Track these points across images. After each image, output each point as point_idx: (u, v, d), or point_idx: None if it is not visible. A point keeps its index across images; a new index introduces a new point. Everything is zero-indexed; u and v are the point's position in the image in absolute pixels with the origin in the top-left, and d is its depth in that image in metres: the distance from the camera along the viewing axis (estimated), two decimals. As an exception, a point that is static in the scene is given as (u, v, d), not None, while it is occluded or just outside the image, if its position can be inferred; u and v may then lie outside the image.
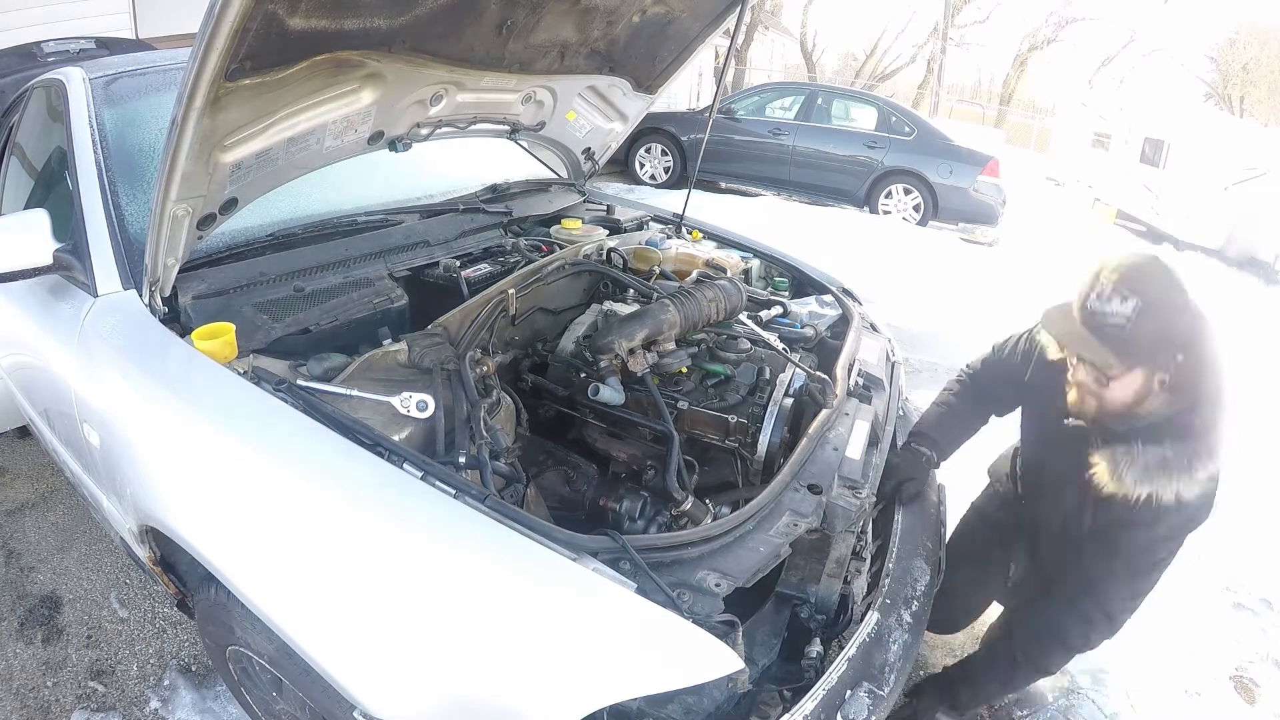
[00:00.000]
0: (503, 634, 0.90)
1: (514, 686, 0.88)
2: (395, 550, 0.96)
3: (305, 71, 1.23)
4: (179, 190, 1.17)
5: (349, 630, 0.97)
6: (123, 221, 1.51)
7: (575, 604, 0.91)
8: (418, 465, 1.03)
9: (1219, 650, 2.09)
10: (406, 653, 0.93)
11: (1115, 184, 9.88)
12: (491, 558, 0.94)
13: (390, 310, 1.51)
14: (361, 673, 0.96)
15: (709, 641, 0.89)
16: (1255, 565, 2.48)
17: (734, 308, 1.72)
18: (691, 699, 0.95)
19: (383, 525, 0.98)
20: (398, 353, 1.36)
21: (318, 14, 1.11)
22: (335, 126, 1.48)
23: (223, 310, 1.37)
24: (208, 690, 1.74)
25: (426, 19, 1.35)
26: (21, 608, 1.99)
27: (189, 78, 1.00)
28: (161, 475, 1.20)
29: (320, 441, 1.07)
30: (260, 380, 1.18)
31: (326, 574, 0.99)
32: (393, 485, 1.01)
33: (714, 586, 0.99)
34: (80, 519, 2.31)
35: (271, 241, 1.62)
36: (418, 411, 1.20)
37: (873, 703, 1.08)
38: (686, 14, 1.89)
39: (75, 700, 1.73)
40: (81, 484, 1.67)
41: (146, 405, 1.23)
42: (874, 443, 1.48)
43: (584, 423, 1.64)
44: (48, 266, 1.48)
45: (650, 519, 1.39)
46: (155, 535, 1.35)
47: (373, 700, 0.95)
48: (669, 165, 8.04)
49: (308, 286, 1.50)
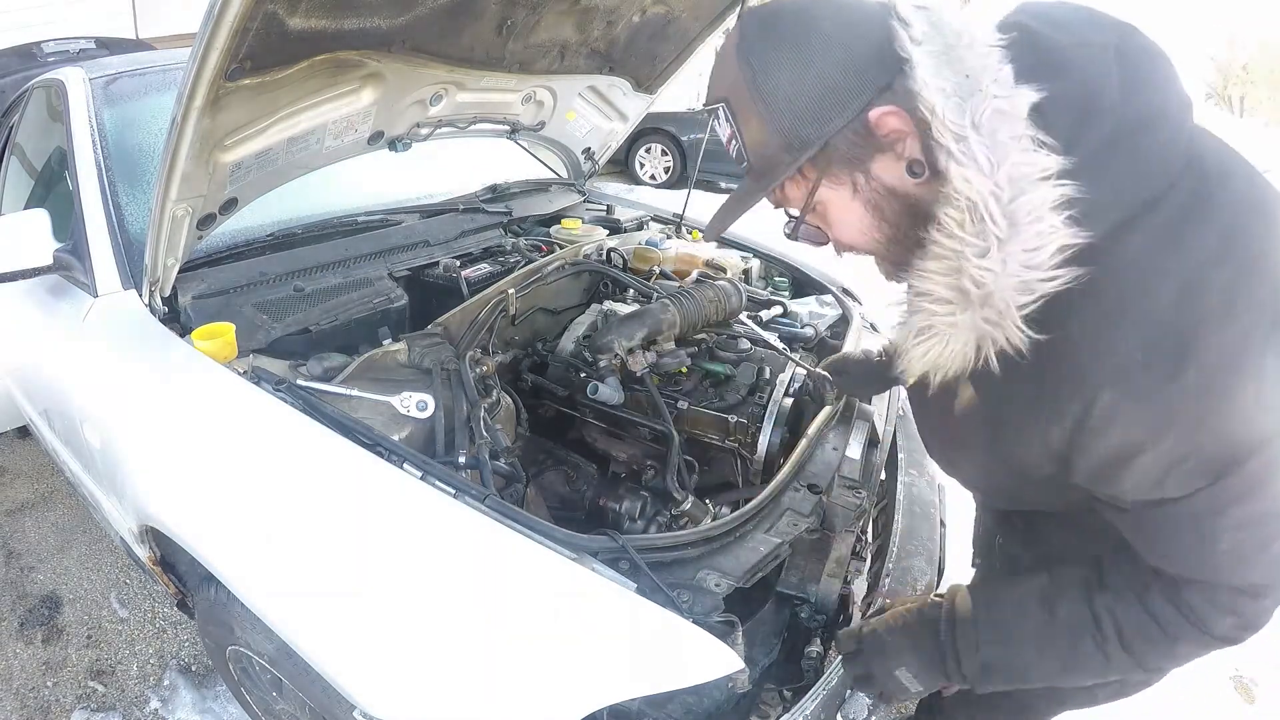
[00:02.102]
0: (502, 634, 0.90)
1: (514, 686, 0.88)
2: (395, 550, 0.96)
3: (305, 71, 1.23)
4: (179, 190, 1.17)
5: (349, 630, 0.96)
6: (123, 221, 1.51)
7: (575, 604, 0.91)
8: (418, 465, 1.03)
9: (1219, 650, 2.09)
10: (406, 653, 0.93)
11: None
12: (491, 558, 0.94)
13: (390, 310, 1.51)
14: (361, 673, 0.96)
15: (709, 641, 0.89)
16: (1255, 565, 2.48)
17: (734, 308, 1.72)
18: (691, 699, 0.95)
19: (382, 525, 0.98)
20: (398, 353, 1.36)
21: (318, 14, 1.11)
22: (335, 126, 1.48)
23: (223, 310, 1.37)
24: (208, 690, 1.74)
25: (426, 19, 1.35)
26: (21, 608, 2.00)
27: (189, 78, 1.00)
28: (162, 475, 1.20)
29: (320, 441, 1.07)
30: (260, 380, 1.18)
31: (326, 574, 0.99)
32: (393, 485, 1.01)
33: (714, 586, 0.99)
34: (80, 519, 2.31)
35: (271, 241, 1.62)
36: (418, 411, 1.20)
37: (873, 703, 1.08)
38: (686, 14, 1.89)
39: (75, 700, 1.73)
40: (81, 484, 1.67)
41: (147, 405, 1.24)
42: (874, 442, 1.48)
43: (584, 423, 1.64)
44: (48, 266, 1.48)
45: (650, 519, 1.39)
46: (155, 535, 1.35)
47: (372, 700, 0.95)
48: (669, 165, 8.03)
49: (308, 286, 1.50)
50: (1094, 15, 0.73)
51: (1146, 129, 0.66)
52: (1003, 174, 0.64)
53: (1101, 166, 0.65)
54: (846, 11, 0.72)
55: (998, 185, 0.64)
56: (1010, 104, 0.65)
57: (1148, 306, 0.65)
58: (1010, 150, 0.64)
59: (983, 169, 0.64)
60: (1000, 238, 0.65)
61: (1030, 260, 0.65)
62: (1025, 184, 0.64)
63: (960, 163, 0.65)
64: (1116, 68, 0.67)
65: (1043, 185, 0.64)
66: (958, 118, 0.65)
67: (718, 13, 1.98)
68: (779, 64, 0.72)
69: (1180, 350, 0.63)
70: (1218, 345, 0.63)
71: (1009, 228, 0.64)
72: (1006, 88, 0.65)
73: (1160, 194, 0.66)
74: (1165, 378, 0.64)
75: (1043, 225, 0.64)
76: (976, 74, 0.65)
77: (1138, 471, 0.68)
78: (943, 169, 0.67)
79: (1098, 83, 0.67)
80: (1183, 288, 0.64)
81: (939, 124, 0.65)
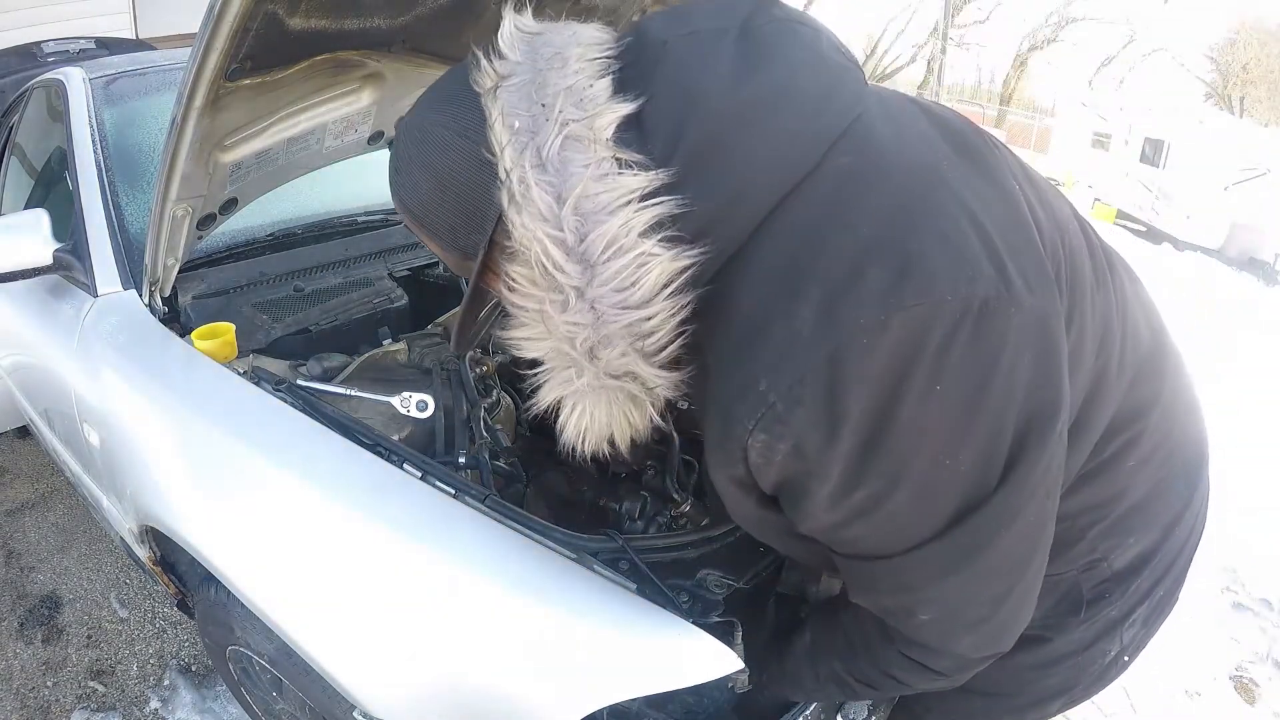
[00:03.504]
0: (502, 634, 0.90)
1: (513, 686, 0.88)
2: (395, 550, 0.96)
3: (305, 71, 1.23)
4: (179, 190, 1.17)
5: (349, 630, 0.97)
6: (123, 221, 1.51)
7: (574, 604, 0.91)
8: (418, 465, 1.03)
9: (1219, 650, 2.09)
10: (406, 652, 0.93)
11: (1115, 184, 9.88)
12: (491, 558, 0.94)
13: (390, 310, 1.52)
14: (361, 673, 0.96)
15: (709, 642, 0.89)
16: (1255, 565, 2.48)
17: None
18: (691, 699, 0.95)
19: (382, 525, 0.98)
20: (398, 353, 1.36)
21: (318, 14, 1.11)
22: (335, 126, 1.48)
23: (223, 310, 1.37)
24: (208, 690, 1.74)
25: (426, 19, 1.35)
26: (21, 608, 1.99)
27: (189, 78, 1.00)
28: (161, 475, 1.20)
29: (320, 441, 1.07)
30: (260, 380, 1.18)
31: (326, 574, 0.99)
32: (393, 485, 1.01)
33: (714, 587, 0.99)
34: (80, 519, 2.31)
35: (271, 241, 1.62)
36: (418, 411, 1.20)
37: (873, 703, 1.08)
38: (686, 14, 1.89)
39: (75, 700, 1.73)
40: (81, 484, 1.67)
41: (146, 405, 1.23)
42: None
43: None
44: (48, 266, 1.48)
45: (650, 519, 1.39)
46: (155, 535, 1.35)
47: (372, 700, 0.95)
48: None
49: (308, 286, 1.50)
50: (724, 0, 0.64)
51: (767, 113, 0.56)
52: (567, 209, 0.54)
53: (704, 169, 0.55)
54: (446, 87, 0.64)
55: (560, 227, 0.54)
56: (587, 126, 0.55)
57: (776, 327, 0.54)
58: (581, 180, 0.54)
59: (542, 212, 0.55)
60: (576, 286, 0.55)
61: (627, 300, 0.54)
62: (600, 215, 0.54)
63: (518, 208, 0.56)
64: (733, 50, 0.58)
65: (623, 211, 0.54)
66: (516, 156, 0.56)
67: (718, 13, 1.98)
68: (415, 185, 0.64)
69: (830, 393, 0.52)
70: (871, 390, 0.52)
71: (583, 271, 0.55)
72: (590, 108, 0.56)
73: (796, 182, 0.56)
74: (818, 429, 0.54)
75: (628, 257, 0.54)
76: (554, 100, 0.56)
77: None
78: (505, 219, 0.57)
79: (699, 75, 0.57)
80: (826, 293, 0.52)
81: (501, 169, 0.57)
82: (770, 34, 0.60)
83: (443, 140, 0.62)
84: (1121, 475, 0.75)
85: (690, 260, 0.54)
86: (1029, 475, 0.57)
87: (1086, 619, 0.82)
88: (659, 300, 0.55)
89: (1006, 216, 0.59)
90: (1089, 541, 0.77)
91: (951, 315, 0.51)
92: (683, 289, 0.55)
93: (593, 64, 0.58)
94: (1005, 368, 0.53)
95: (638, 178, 0.54)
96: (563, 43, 0.60)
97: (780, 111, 0.56)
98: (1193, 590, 2.32)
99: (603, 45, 0.61)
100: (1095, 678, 0.90)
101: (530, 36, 0.61)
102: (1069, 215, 0.72)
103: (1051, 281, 0.58)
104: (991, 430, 0.55)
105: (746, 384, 0.55)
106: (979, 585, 0.61)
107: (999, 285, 0.53)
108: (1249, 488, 2.77)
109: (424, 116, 0.64)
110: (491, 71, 0.59)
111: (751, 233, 0.56)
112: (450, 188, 0.62)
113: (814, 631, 0.84)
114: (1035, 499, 0.59)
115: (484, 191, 0.59)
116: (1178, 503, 0.82)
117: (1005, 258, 0.54)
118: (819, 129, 0.57)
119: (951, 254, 0.53)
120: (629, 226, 0.53)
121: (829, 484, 0.56)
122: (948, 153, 0.60)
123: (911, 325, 0.51)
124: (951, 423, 0.54)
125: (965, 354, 0.52)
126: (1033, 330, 0.54)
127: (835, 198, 0.55)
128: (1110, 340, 0.69)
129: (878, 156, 0.57)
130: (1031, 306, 0.54)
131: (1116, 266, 0.77)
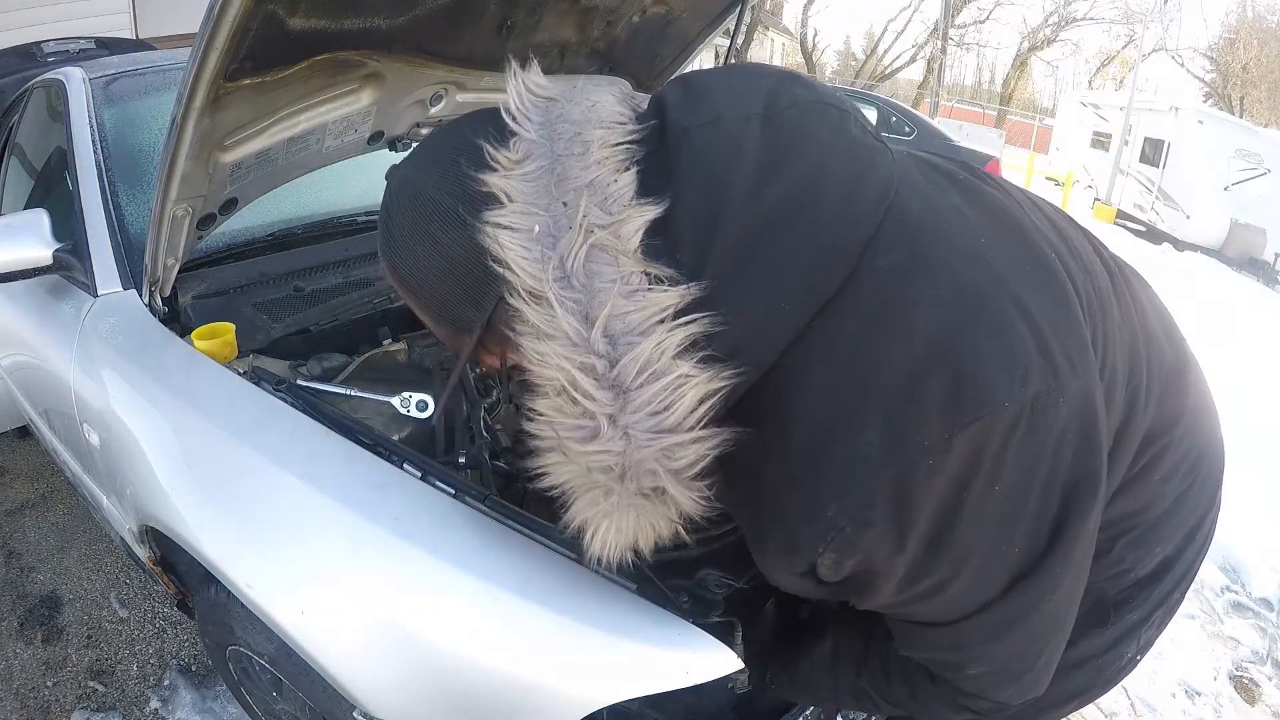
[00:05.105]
0: (502, 634, 0.90)
1: (513, 687, 0.88)
2: (395, 550, 0.96)
3: (305, 71, 1.23)
4: (179, 190, 1.17)
5: (349, 630, 0.97)
6: (123, 221, 1.51)
7: (574, 604, 0.91)
8: (418, 465, 1.03)
9: (1219, 650, 2.10)
10: (406, 652, 0.93)
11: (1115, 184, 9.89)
12: (491, 558, 0.94)
13: (390, 310, 1.52)
14: (361, 672, 0.96)
15: (709, 642, 0.89)
16: (1255, 565, 2.48)
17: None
18: (691, 699, 0.95)
19: (382, 525, 0.98)
20: (398, 352, 1.36)
21: (318, 14, 1.11)
22: (335, 126, 1.48)
23: (223, 310, 1.37)
24: (208, 690, 1.74)
25: (426, 19, 1.35)
26: (21, 608, 1.99)
27: (189, 78, 1.00)
28: (162, 475, 1.20)
29: (320, 441, 1.07)
30: (260, 380, 1.18)
31: (326, 574, 0.99)
32: (393, 485, 1.01)
33: (714, 586, 0.99)
34: (80, 519, 2.31)
35: (271, 241, 1.62)
36: (418, 411, 1.20)
37: (873, 703, 1.08)
38: (686, 14, 1.89)
39: (75, 700, 1.73)
40: (81, 484, 1.67)
41: (146, 405, 1.23)
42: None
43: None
44: (48, 266, 1.48)
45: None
46: (155, 535, 1.34)
47: (372, 700, 0.95)
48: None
49: (308, 286, 1.50)
50: (743, 77, 0.60)
51: (797, 213, 0.53)
52: (597, 332, 0.50)
53: (736, 281, 0.51)
54: (453, 144, 0.59)
55: (589, 353, 0.50)
56: (614, 234, 0.51)
57: (839, 451, 0.52)
58: (610, 298, 0.50)
59: (570, 337, 0.50)
60: (609, 414, 0.51)
61: (661, 424, 0.51)
62: (632, 337, 0.50)
63: (536, 334, 0.51)
64: (758, 141, 0.54)
65: (656, 331, 0.50)
66: (537, 269, 0.51)
67: (717, 13, 1.98)
68: (413, 255, 0.59)
69: (900, 508, 0.52)
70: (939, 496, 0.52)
71: (615, 398, 0.51)
72: (615, 210, 0.52)
73: (835, 290, 0.53)
74: (886, 539, 0.54)
75: (665, 380, 0.50)
76: (576, 199, 0.52)
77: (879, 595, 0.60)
78: (518, 343, 0.53)
79: (726, 173, 0.53)
80: (888, 413, 0.51)
81: (515, 285, 0.52)
82: (795, 120, 0.57)
83: (446, 211, 0.57)
84: (1150, 488, 0.76)
85: (726, 381, 0.52)
86: (1075, 541, 0.58)
87: (1111, 625, 0.83)
88: (693, 421, 0.52)
89: (1046, 287, 0.58)
90: (1117, 553, 0.78)
91: (1008, 421, 0.51)
92: (716, 408, 0.53)
93: (614, 152, 0.55)
94: (1053, 448, 0.54)
95: (668, 293, 0.51)
96: (581, 118, 0.56)
97: (811, 210, 0.53)
98: (1193, 590, 2.33)
99: (624, 126, 0.57)
100: (1110, 678, 0.91)
101: (545, 104, 0.58)
102: (1087, 247, 0.73)
103: (1090, 353, 0.59)
104: (1040, 505, 0.56)
105: (813, 509, 0.54)
106: (1025, 644, 0.63)
107: (1048, 377, 0.53)
108: (1249, 488, 2.77)
109: (425, 175, 0.60)
110: (505, 158, 0.56)
111: (788, 346, 0.53)
112: (453, 264, 0.58)
113: (837, 641, 0.84)
114: (1076, 558, 0.60)
115: (488, 271, 0.55)
116: (1200, 509, 0.83)
117: (1050, 340, 0.54)
118: (852, 228, 0.54)
119: (1004, 355, 0.52)
120: (662, 348, 0.50)
121: (894, 580, 0.57)
122: (984, 227, 0.59)
123: (973, 439, 0.51)
124: (1008, 512, 0.55)
125: (1019, 451, 0.53)
126: (1077, 409, 0.55)
127: (880, 304, 0.53)
128: (1139, 365, 0.71)
129: (918, 251, 0.55)
130: (1076, 389, 0.55)
131: (1133, 282, 0.78)
